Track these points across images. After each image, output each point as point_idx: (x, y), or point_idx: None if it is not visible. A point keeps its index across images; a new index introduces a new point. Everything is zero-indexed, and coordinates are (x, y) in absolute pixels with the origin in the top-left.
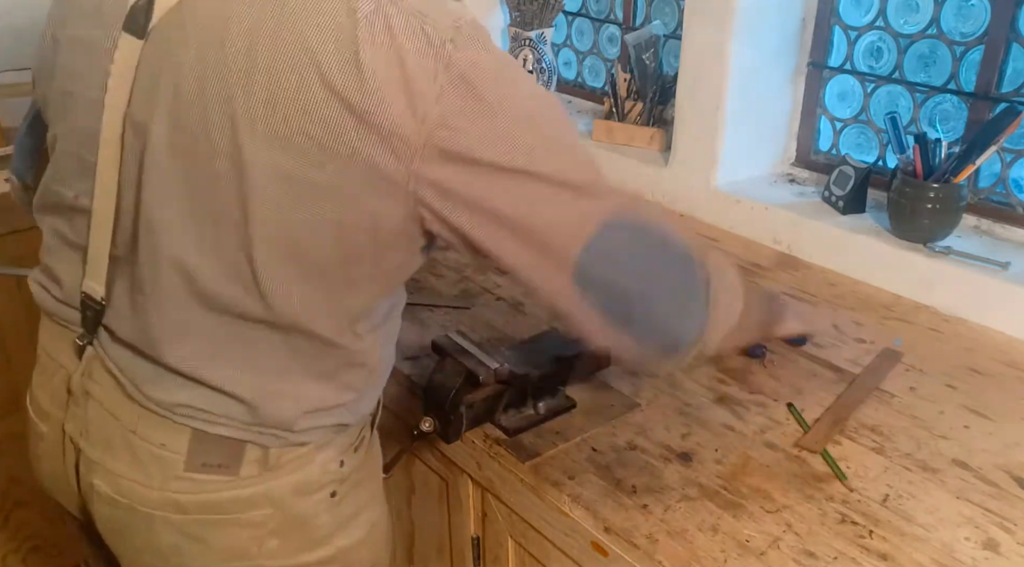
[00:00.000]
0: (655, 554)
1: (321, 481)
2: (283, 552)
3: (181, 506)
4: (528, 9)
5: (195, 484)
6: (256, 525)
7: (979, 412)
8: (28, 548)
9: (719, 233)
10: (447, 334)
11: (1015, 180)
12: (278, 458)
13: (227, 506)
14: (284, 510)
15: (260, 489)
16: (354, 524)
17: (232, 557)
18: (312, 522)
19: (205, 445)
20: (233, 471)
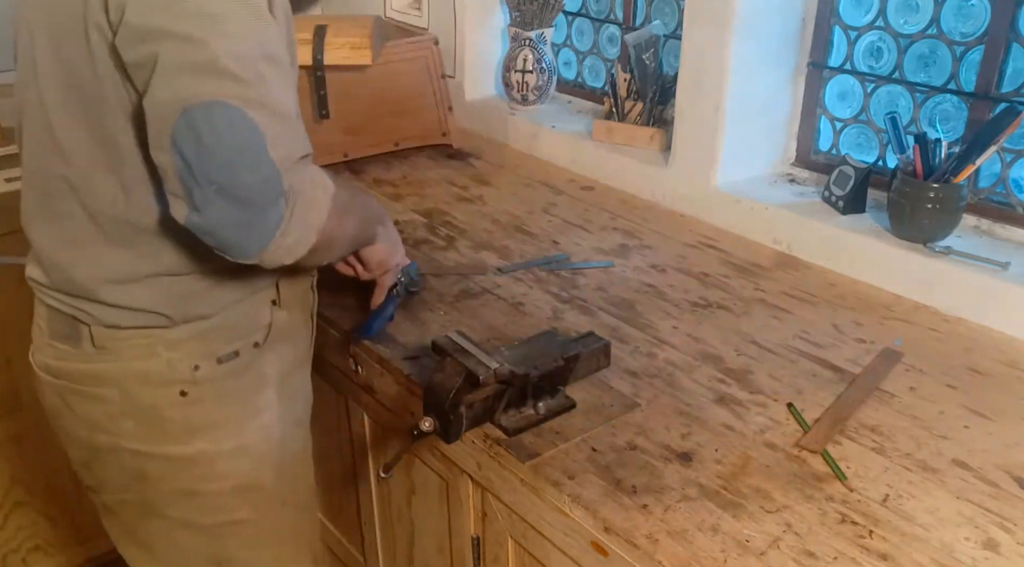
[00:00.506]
0: (655, 554)
1: (168, 377)
2: (140, 436)
3: (51, 369)
4: (528, 9)
5: (56, 351)
6: (106, 401)
7: (979, 412)
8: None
9: (719, 233)
10: (447, 334)
11: (1015, 180)
12: (107, 341)
13: (79, 377)
14: (129, 393)
15: (103, 367)
16: (218, 434)
17: (94, 428)
18: (161, 413)
19: (54, 317)
20: (75, 344)
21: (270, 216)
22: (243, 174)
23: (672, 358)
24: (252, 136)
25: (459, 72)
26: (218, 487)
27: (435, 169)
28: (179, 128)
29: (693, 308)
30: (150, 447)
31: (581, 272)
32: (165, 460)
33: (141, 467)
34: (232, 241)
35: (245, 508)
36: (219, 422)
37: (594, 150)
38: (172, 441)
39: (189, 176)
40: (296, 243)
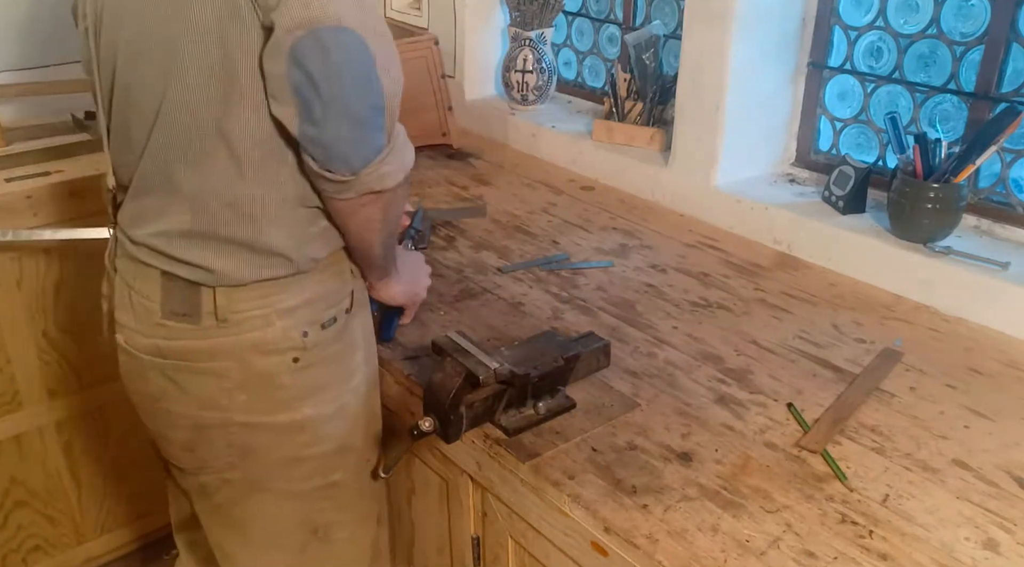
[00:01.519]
0: (655, 554)
1: (281, 345)
2: (253, 408)
3: (161, 350)
4: (528, 9)
5: (169, 330)
6: (221, 376)
7: (979, 412)
8: (28, 548)
9: (719, 233)
10: (447, 334)
11: (1015, 180)
12: (229, 311)
13: (195, 354)
14: (246, 365)
15: (221, 342)
16: (323, 398)
17: (206, 405)
18: (275, 381)
19: (170, 293)
20: (195, 320)
21: (377, 139)
22: (361, 98)
23: (672, 358)
24: (370, 64)
25: (459, 72)
26: (321, 450)
27: (435, 169)
28: (306, 44)
29: (693, 308)
30: (261, 417)
31: (581, 272)
32: (274, 429)
33: (249, 440)
34: (340, 154)
35: (340, 469)
36: (324, 386)
37: (594, 150)
38: (283, 408)
39: (311, 91)
40: (389, 174)
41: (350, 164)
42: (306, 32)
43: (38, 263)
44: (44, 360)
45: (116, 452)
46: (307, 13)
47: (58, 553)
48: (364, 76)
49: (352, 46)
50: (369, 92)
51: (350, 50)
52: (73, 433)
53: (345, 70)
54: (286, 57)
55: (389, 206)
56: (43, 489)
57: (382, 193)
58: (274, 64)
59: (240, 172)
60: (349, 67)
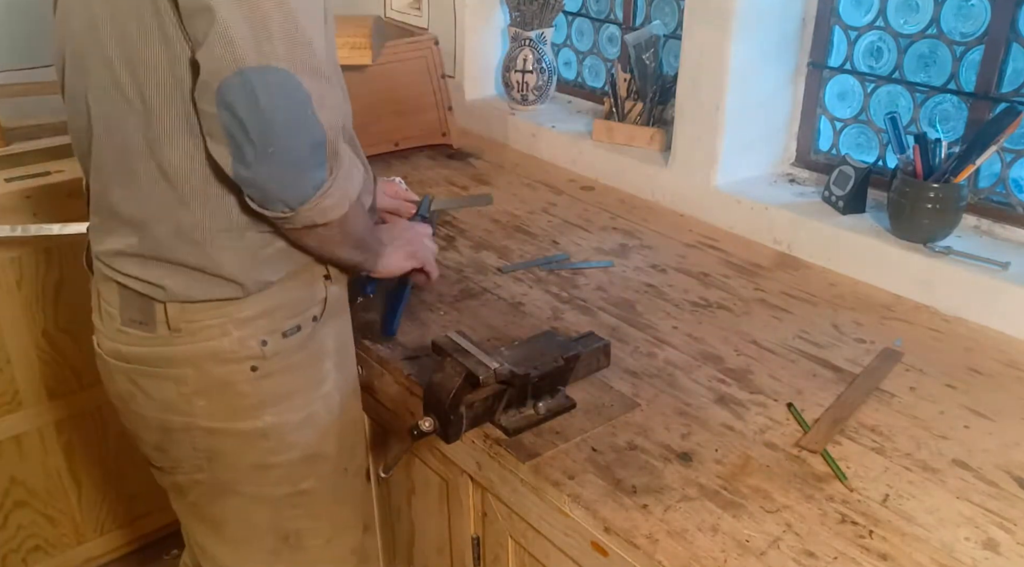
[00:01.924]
0: (655, 554)
1: (238, 354)
2: (213, 414)
3: (123, 355)
4: (528, 9)
5: (128, 337)
6: (179, 381)
7: (979, 412)
8: (28, 548)
9: (719, 233)
10: (447, 334)
11: (1015, 180)
12: (182, 322)
13: (152, 360)
14: (202, 372)
15: (177, 350)
16: (287, 406)
17: (168, 409)
18: (234, 389)
19: (126, 301)
20: (150, 329)
21: (315, 177)
22: (296, 138)
23: (672, 358)
24: (304, 102)
25: (459, 72)
26: (287, 458)
27: (435, 169)
28: (232, 86)
29: (693, 308)
30: (223, 424)
31: (581, 272)
32: (237, 436)
33: (214, 445)
34: (276, 195)
35: (311, 478)
36: (287, 394)
37: (594, 150)
38: (244, 416)
39: (241, 133)
40: (332, 207)
41: (287, 203)
42: (232, 73)
43: (38, 263)
44: (44, 360)
45: (116, 452)
46: (232, 52)
47: (58, 553)
48: (298, 116)
49: (282, 86)
50: (304, 131)
51: (280, 90)
52: (73, 433)
53: (276, 112)
54: (214, 97)
55: (344, 226)
56: (43, 489)
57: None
58: (204, 103)
59: (180, 198)
60: (280, 108)
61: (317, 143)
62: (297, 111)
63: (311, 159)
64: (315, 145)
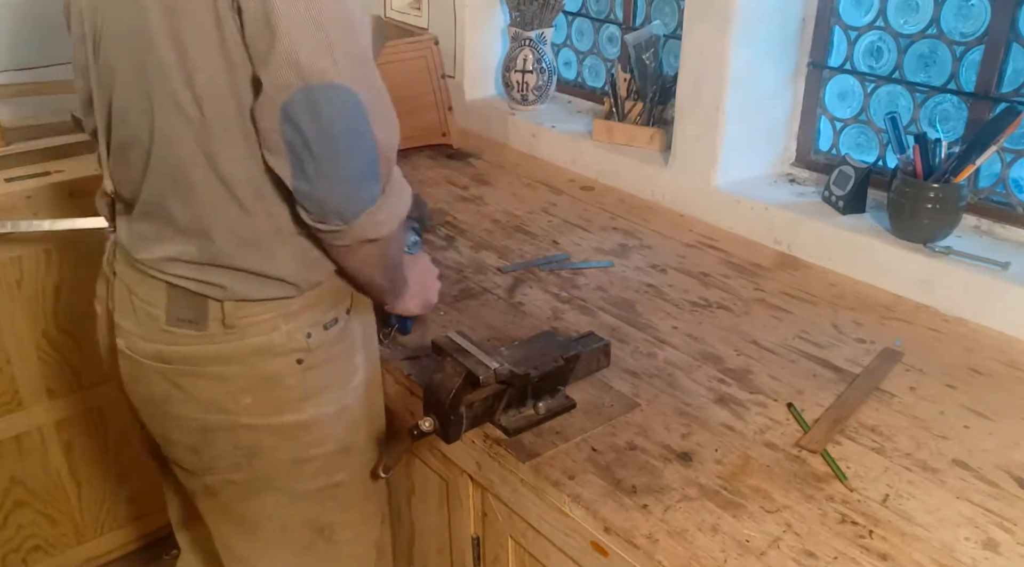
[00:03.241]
0: (655, 554)
1: (287, 347)
2: (258, 410)
3: (164, 357)
4: (528, 9)
5: (173, 337)
6: (227, 380)
7: (979, 412)
8: (28, 548)
9: (719, 233)
10: (447, 334)
11: (1015, 180)
12: (236, 318)
13: (201, 359)
14: (252, 368)
15: (227, 347)
16: (326, 398)
17: (211, 409)
18: (281, 383)
19: (177, 301)
20: (202, 327)
21: (370, 191)
22: (355, 153)
23: (672, 358)
24: (363, 117)
25: (459, 72)
26: (325, 451)
27: (435, 169)
28: (296, 101)
29: (693, 308)
30: (266, 419)
31: (581, 272)
32: (279, 431)
33: (255, 442)
34: (333, 208)
35: (344, 470)
36: (327, 386)
37: (594, 150)
38: (288, 409)
39: (303, 148)
40: (384, 222)
41: (343, 217)
42: (297, 90)
43: (38, 263)
44: (44, 360)
45: (116, 452)
46: (298, 71)
47: (58, 553)
48: (357, 132)
49: (344, 103)
50: (362, 147)
51: (342, 107)
52: (73, 433)
53: (337, 128)
54: (278, 114)
55: (386, 248)
56: (43, 489)
57: (377, 240)
58: (266, 119)
59: (240, 206)
60: (341, 125)
61: (373, 158)
62: (357, 127)
63: (367, 173)
64: (371, 160)
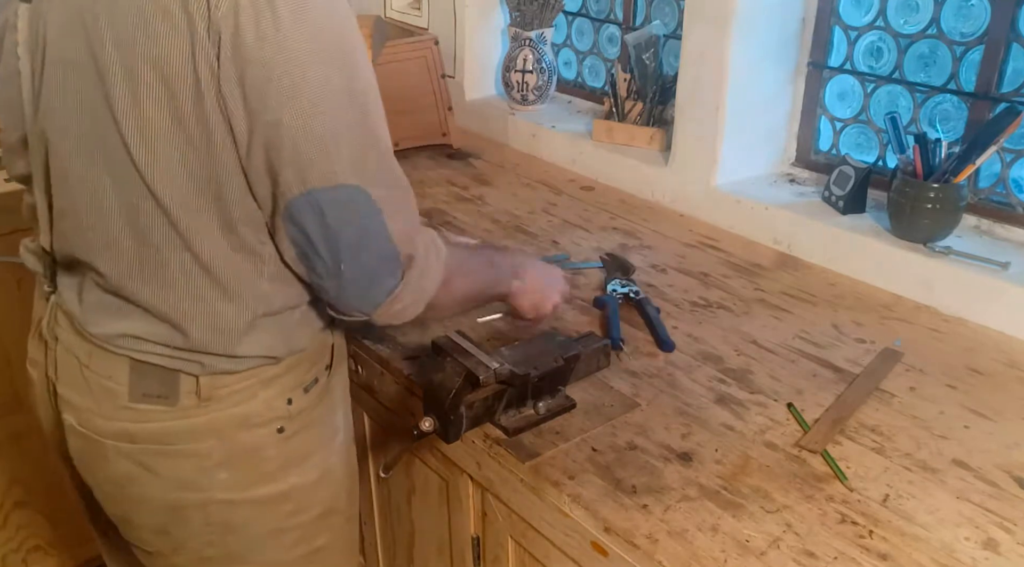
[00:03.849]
0: (655, 554)
1: (266, 416)
2: (234, 485)
3: (131, 435)
4: (528, 9)
5: (139, 413)
6: (202, 456)
7: (979, 412)
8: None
9: (719, 233)
10: (447, 334)
11: (1015, 180)
12: (213, 390)
13: (171, 436)
14: (229, 441)
15: (202, 420)
16: (308, 464)
17: (183, 487)
18: (260, 454)
19: (143, 375)
20: (172, 401)
21: (386, 284)
22: (365, 252)
23: (672, 358)
24: (375, 215)
25: (459, 72)
26: (306, 519)
27: (435, 169)
28: (301, 204)
29: (693, 308)
30: (243, 494)
31: (581, 272)
32: (256, 504)
33: (229, 518)
34: (347, 303)
35: (324, 534)
36: (309, 452)
37: (594, 150)
38: (267, 481)
39: (310, 248)
40: (405, 309)
41: (361, 309)
42: (300, 193)
43: None
44: None
45: None
46: (299, 172)
47: (58, 553)
48: (368, 230)
49: (351, 202)
50: (375, 245)
51: (349, 207)
52: None
53: (344, 229)
54: (283, 214)
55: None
56: (43, 489)
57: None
58: (270, 216)
59: (223, 293)
60: (349, 225)
61: (389, 254)
62: (367, 226)
63: (381, 270)
64: (387, 256)
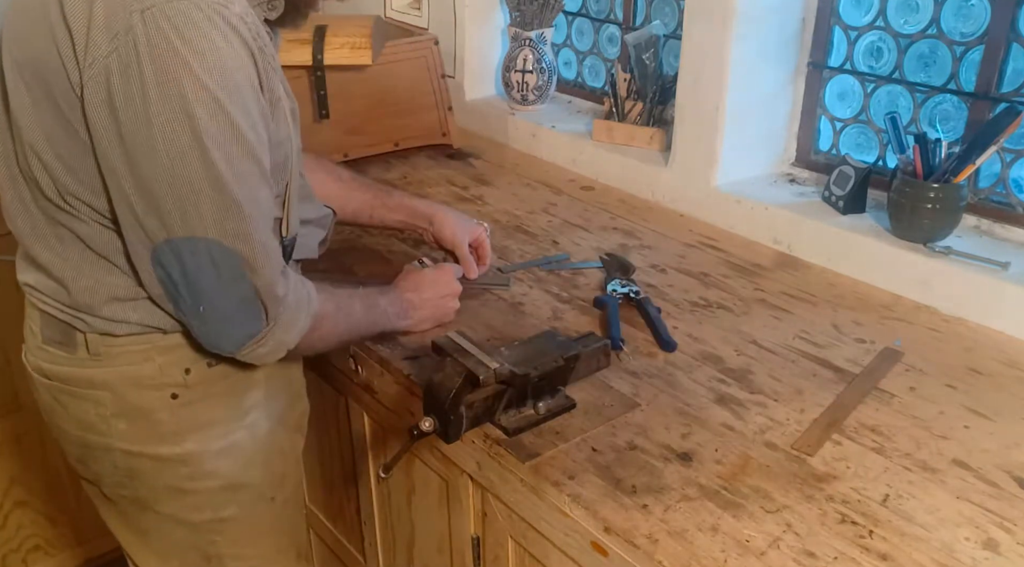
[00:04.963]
0: (655, 554)
1: (159, 380)
2: (133, 437)
3: (43, 370)
4: (528, 9)
5: (49, 355)
6: (99, 403)
7: (979, 412)
8: (28, 548)
9: (719, 233)
10: (447, 334)
11: (1015, 180)
12: (101, 347)
13: (72, 380)
14: (121, 397)
15: (96, 373)
16: (207, 434)
17: (87, 428)
18: (154, 416)
19: (48, 323)
20: (70, 350)
21: (248, 327)
22: (224, 298)
23: (672, 358)
24: (234, 265)
25: (459, 72)
26: (206, 486)
27: (435, 169)
28: (163, 251)
29: (693, 308)
30: (141, 447)
31: (581, 272)
32: (156, 460)
33: (133, 465)
34: (208, 342)
35: (232, 506)
36: (208, 423)
37: (594, 150)
38: (163, 442)
39: (173, 289)
40: (268, 353)
41: (222, 349)
42: (161, 241)
43: None
44: None
45: None
46: (161, 222)
47: (58, 553)
48: (226, 278)
49: (209, 253)
50: (232, 291)
51: (207, 257)
52: None
53: (203, 277)
54: (148, 257)
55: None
56: (43, 489)
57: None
58: (138, 260)
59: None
60: (206, 274)
61: (249, 298)
62: (225, 274)
63: (240, 315)
64: (247, 299)
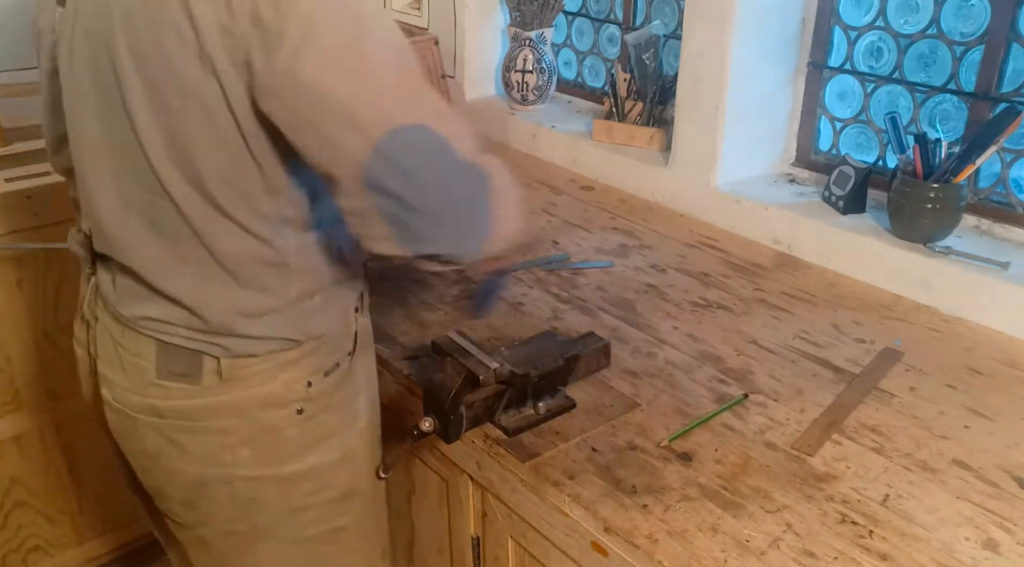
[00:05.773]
0: (655, 554)
1: (286, 397)
2: (256, 462)
3: (158, 410)
4: (528, 9)
5: (166, 391)
6: (225, 433)
7: (979, 412)
8: (28, 548)
9: (719, 233)
10: (447, 334)
11: (1015, 180)
12: (234, 371)
13: (196, 413)
14: (250, 420)
15: (224, 399)
16: (327, 445)
17: (208, 463)
18: (281, 435)
19: (168, 355)
20: (196, 380)
21: (483, 209)
22: (455, 184)
23: (672, 358)
24: (443, 146)
25: (459, 72)
26: (326, 497)
27: None
28: (373, 166)
29: (693, 308)
30: (265, 471)
31: (581, 272)
32: (278, 480)
33: (253, 493)
34: (461, 250)
35: (347, 515)
36: (329, 433)
37: (594, 150)
38: (288, 460)
39: (403, 210)
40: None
41: (474, 251)
42: (369, 155)
43: (38, 263)
44: (44, 360)
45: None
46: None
47: (58, 553)
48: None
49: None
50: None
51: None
52: (73, 433)
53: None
54: (361, 189)
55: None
56: (43, 489)
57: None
58: (350, 202)
59: (236, 282)
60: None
61: (470, 178)
62: (442, 158)
63: (475, 196)
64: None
